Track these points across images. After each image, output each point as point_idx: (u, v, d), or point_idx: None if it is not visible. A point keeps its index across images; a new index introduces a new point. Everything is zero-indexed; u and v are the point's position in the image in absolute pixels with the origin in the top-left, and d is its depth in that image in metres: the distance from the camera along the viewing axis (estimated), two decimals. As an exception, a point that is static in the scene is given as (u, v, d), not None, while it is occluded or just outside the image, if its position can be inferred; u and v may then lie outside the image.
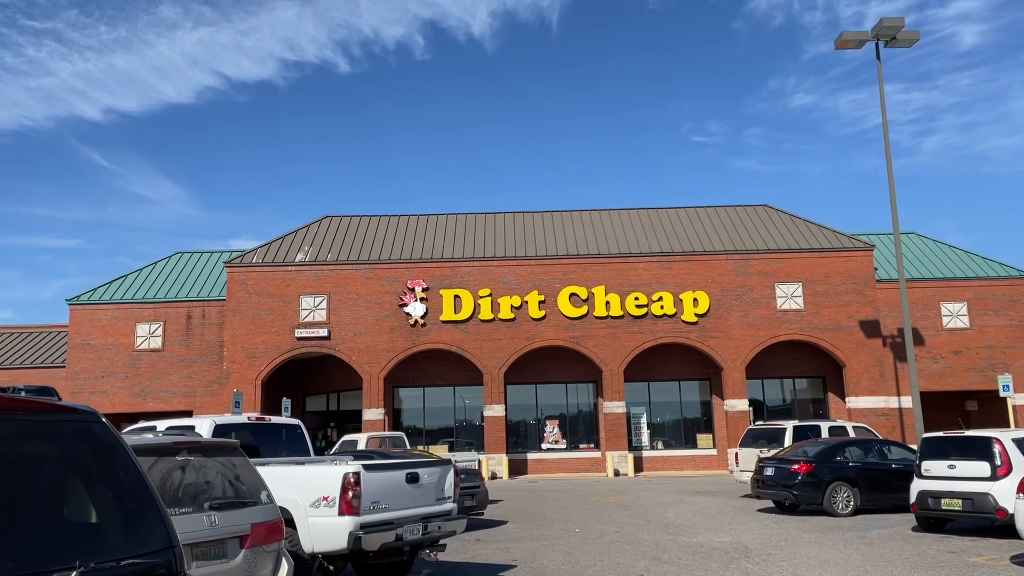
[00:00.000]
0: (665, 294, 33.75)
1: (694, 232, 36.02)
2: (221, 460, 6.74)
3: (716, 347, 33.51)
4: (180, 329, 34.52)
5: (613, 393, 33.44)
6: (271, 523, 6.79)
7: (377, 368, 33.36)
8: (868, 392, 32.97)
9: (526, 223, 37.32)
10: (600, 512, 18.29)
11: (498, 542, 13.79)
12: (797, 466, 16.68)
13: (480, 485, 15.78)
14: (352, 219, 37.50)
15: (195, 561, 6.06)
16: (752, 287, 33.90)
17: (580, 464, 34.43)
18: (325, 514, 8.40)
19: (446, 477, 9.70)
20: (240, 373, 33.03)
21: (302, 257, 34.52)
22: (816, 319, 33.57)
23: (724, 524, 15.57)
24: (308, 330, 33.43)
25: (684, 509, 18.52)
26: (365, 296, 33.91)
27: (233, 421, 10.00)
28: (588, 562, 11.48)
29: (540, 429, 35.44)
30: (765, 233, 35.61)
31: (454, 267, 34.26)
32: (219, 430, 9.66)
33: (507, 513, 18.56)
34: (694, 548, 12.59)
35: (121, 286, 35.68)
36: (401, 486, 8.99)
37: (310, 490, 8.54)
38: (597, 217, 37.64)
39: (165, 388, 33.61)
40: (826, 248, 34.21)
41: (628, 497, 22.15)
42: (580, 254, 34.49)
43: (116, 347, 34.15)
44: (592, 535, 14.38)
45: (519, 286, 34.03)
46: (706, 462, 34.47)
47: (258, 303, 33.67)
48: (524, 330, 33.71)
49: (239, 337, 33.33)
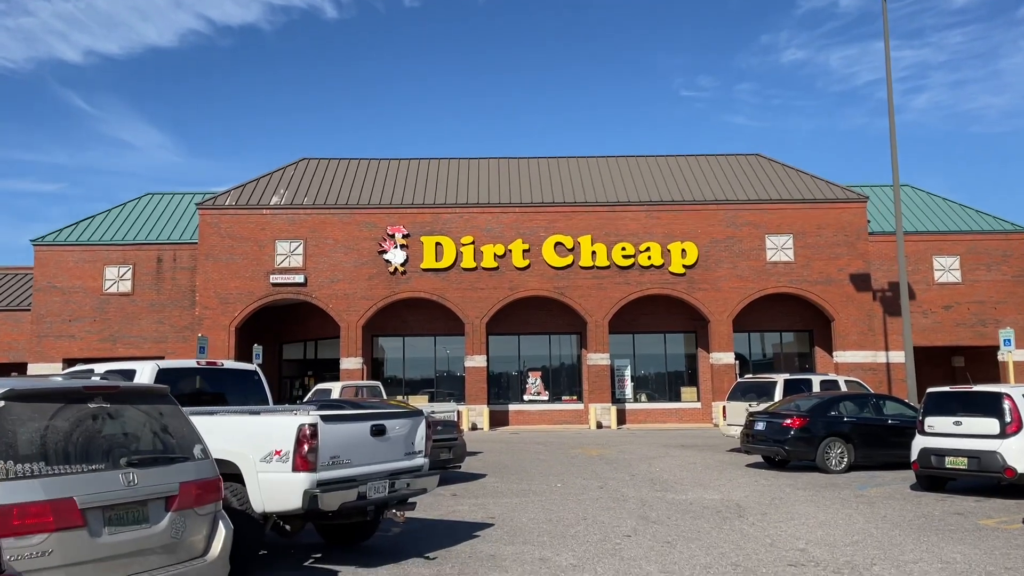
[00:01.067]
0: (653, 244, 32.81)
1: (684, 181, 34.95)
2: (145, 408, 5.73)
3: (703, 299, 32.73)
4: (150, 273, 33.27)
5: (597, 345, 32.68)
6: (205, 482, 5.82)
7: (355, 316, 32.36)
8: (856, 347, 32.39)
9: (511, 169, 36.08)
10: (583, 466, 17.56)
11: (475, 497, 12.98)
12: (790, 420, 15.94)
13: (458, 437, 14.94)
14: (330, 162, 36.09)
15: (108, 527, 5.10)
16: (742, 238, 33.00)
17: (562, 416, 33.83)
18: (277, 470, 7.46)
19: (416, 430, 8.77)
20: (213, 319, 31.93)
21: (277, 200, 33.19)
22: (806, 272, 32.80)
23: (713, 480, 14.85)
24: (283, 276, 32.29)
25: (670, 463, 17.83)
26: (343, 242, 32.73)
27: (180, 366, 8.98)
28: (570, 520, 10.68)
29: (522, 380, 34.72)
30: (757, 183, 34.60)
31: (436, 213, 33.08)
32: (163, 375, 8.65)
33: (486, 466, 17.79)
34: (683, 506, 11.83)
35: (89, 227, 34.26)
36: (365, 439, 8.05)
37: (261, 443, 7.58)
38: (584, 164, 36.44)
39: (135, 333, 32.49)
40: (819, 199, 33.28)
41: (611, 450, 21.46)
42: (566, 202, 33.39)
43: (84, 290, 32.89)
44: (574, 491, 13.60)
45: (503, 234, 32.95)
46: (690, 415, 33.96)
47: (231, 247, 32.42)
48: (507, 279, 32.74)
49: (211, 282, 32.14)
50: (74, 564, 4.87)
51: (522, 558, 8.52)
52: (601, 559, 8.43)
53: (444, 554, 8.73)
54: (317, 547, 9.35)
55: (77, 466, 5.05)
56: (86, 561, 4.93)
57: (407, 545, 9.28)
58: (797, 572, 7.86)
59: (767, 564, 8.18)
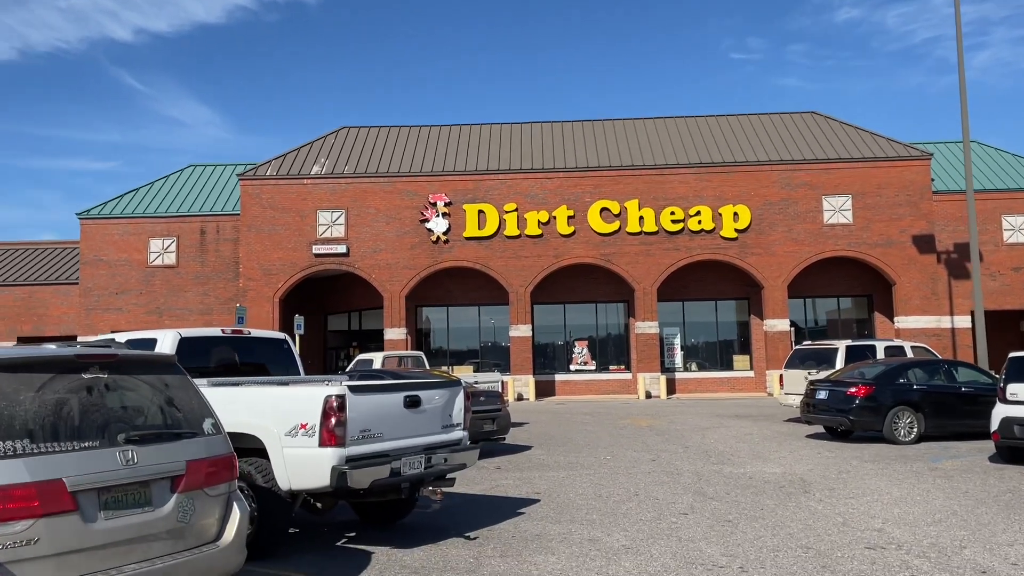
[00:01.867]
0: (703, 208, 31.64)
1: (735, 141, 33.58)
2: (148, 379, 5.17)
3: (756, 264, 31.52)
4: (194, 245, 33.26)
5: (646, 313, 31.77)
6: (216, 459, 5.25)
7: (398, 286, 31.94)
8: (919, 311, 30.92)
9: (555, 133, 35.09)
10: (633, 437, 16.84)
11: (520, 470, 12.38)
12: (855, 389, 14.97)
13: (502, 408, 14.33)
14: (371, 130, 35.53)
15: (104, 511, 4.55)
16: (797, 200, 31.62)
17: (610, 386, 33.10)
18: (303, 444, 6.89)
19: (454, 400, 8.14)
20: (256, 291, 31.82)
21: (318, 170, 32.79)
22: (865, 234, 31.32)
23: (772, 452, 14.01)
24: (326, 246, 31.97)
25: (725, 434, 17.01)
26: (384, 211, 32.23)
27: (203, 334, 8.46)
28: (621, 496, 9.99)
29: (568, 350, 34.04)
30: (813, 142, 33.07)
31: (478, 180, 32.35)
32: (185, 344, 8.14)
33: (532, 437, 17.19)
34: (742, 480, 11.05)
35: (133, 200, 34.35)
36: (398, 411, 7.44)
37: (285, 416, 7.02)
38: (631, 126, 35.26)
39: (181, 305, 32.58)
40: (879, 157, 31.66)
41: (662, 421, 20.70)
42: (612, 166, 32.35)
43: (129, 263, 33.04)
44: (625, 464, 12.90)
45: (547, 200, 32.09)
46: (742, 384, 32.93)
47: (273, 218, 32.18)
48: (552, 247, 31.94)
49: (255, 253, 31.98)
50: (65, 553, 4.34)
51: (570, 538, 7.86)
52: (656, 540, 7.73)
53: (486, 533, 8.13)
54: (351, 525, 8.83)
55: (68, 444, 4.50)
56: (79, 549, 4.40)
57: (447, 523, 8.71)
58: (877, 556, 7.06)
59: (842, 547, 7.39)
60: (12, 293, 34.85)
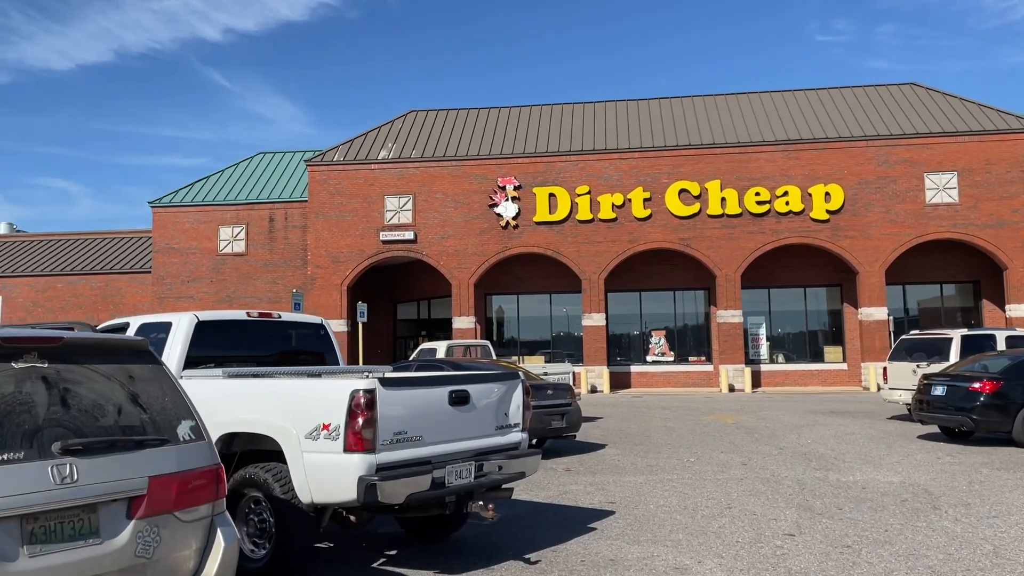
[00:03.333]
0: (791, 188, 29.47)
1: (826, 116, 31.22)
2: (106, 370, 4.02)
3: (850, 248, 29.20)
4: (263, 232, 32.92)
5: (728, 301, 29.84)
6: (194, 473, 4.08)
7: (466, 273, 30.86)
8: (1035, 299, 28.08)
9: (629, 112, 33.37)
10: (718, 436, 15.25)
11: (592, 474, 11.01)
12: (979, 384, 13.03)
13: (572, 402, 12.97)
14: (438, 113, 34.51)
15: (28, 545, 3.42)
16: (896, 178, 29.12)
17: (689, 378, 31.32)
18: (325, 449, 5.70)
19: (511, 396, 6.83)
20: (324, 278, 31.24)
21: (385, 154, 31.95)
22: (973, 214, 28.63)
23: (882, 456, 12.25)
24: (393, 233, 31.12)
25: (823, 434, 15.24)
26: (453, 196, 31.17)
27: (225, 318, 7.38)
28: (711, 509, 8.53)
29: (645, 340, 32.37)
30: (913, 115, 30.45)
31: (549, 162, 30.95)
32: (204, 329, 7.07)
33: (605, 435, 15.78)
34: (854, 491, 9.42)
35: (203, 188, 34.26)
36: (442, 409, 6.18)
37: (305, 414, 5.84)
38: (711, 103, 33.25)
39: (250, 293, 32.30)
40: (988, 130, 28.87)
41: (749, 417, 18.98)
42: (691, 144, 30.47)
43: (200, 251, 32.94)
44: (712, 468, 11.39)
45: (621, 182, 30.46)
46: (834, 377, 30.68)
47: (341, 204, 31.51)
48: (627, 231, 30.31)
49: (322, 240, 31.39)
50: (-33, 604, 3.22)
51: (652, 565, 6.47)
52: (758, 571, 6.27)
53: (550, 555, 6.81)
54: (394, 539, 7.64)
55: (-21, 455, 3.37)
56: (-11, 599, 3.27)
57: (504, 539, 7.42)
58: (1055, 605, 5.44)
59: (1003, 589, 5.79)
60: (89, 282, 35.27)
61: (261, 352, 7.68)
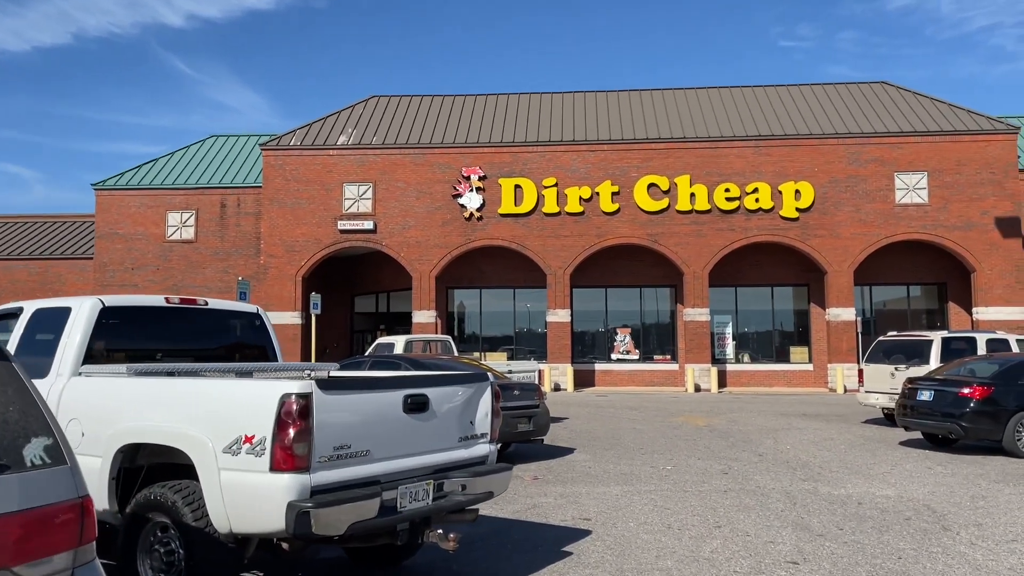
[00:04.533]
0: (761, 185, 28.86)
1: (797, 112, 30.68)
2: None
3: (819, 247, 28.69)
4: (214, 219, 31.36)
5: (695, 299, 29.14)
6: (43, 512, 2.97)
7: (428, 266, 29.71)
8: (1001, 301, 27.87)
9: (598, 104, 32.49)
10: (692, 440, 14.39)
11: (563, 483, 10.03)
12: (969, 390, 12.34)
13: (540, 404, 11.97)
14: (401, 99, 33.26)
15: None
16: (866, 177, 28.68)
17: (654, 377, 30.57)
18: (247, 467, 4.61)
19: (478, 401, 5.80)
20: (278, 268, 29.83)
21: (345, 140, 30.62)
22: (942, 215, 28.31)
23: (868, 464, 11.48)
24: (352, 222, 29.83)
25: (800, 439, 14.48)
26: (415, 185, 29.98)
27: (137, 303, 6.22)
28: (698, 529, 7.60)
29: (610, 338, 31.55)
30: (884, 114, 30.04)
31: (515, 153, 29.91)
32: (110, 316, 5.91)
33: (573, 437, 14.82)
34: (850, 507, 8.57)
35: (151, 171, 32.54)
36: (395, 417, 5.12)
37: (224, 423, 4.74)
38: (681, 96, 32.52)
39: (199, 283, 30.73)
40: (959, 131, 28.56)
41: (720, 419, 18.19)
42: (661, 138, 29.68)
43: (146, 237, 31.27)
44: (692, 477, 10.48)
45: (589, 175, 29.57)
46: (799, 378, 30.18)
47: (297, 191, 30.11)
48: (594, 226, 29.43)
49: (277, 228, 29.97)
50: None
51: (639, 603, 5.49)
52: (766, 611, 5.33)
53: (519, 588, 5.80)
54: (336, 567, 6.56)
55: None
56: None
57: (465, 568, 6.39)
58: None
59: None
60: (27, 267, 33.36)
61: (183, 345, 6.53)
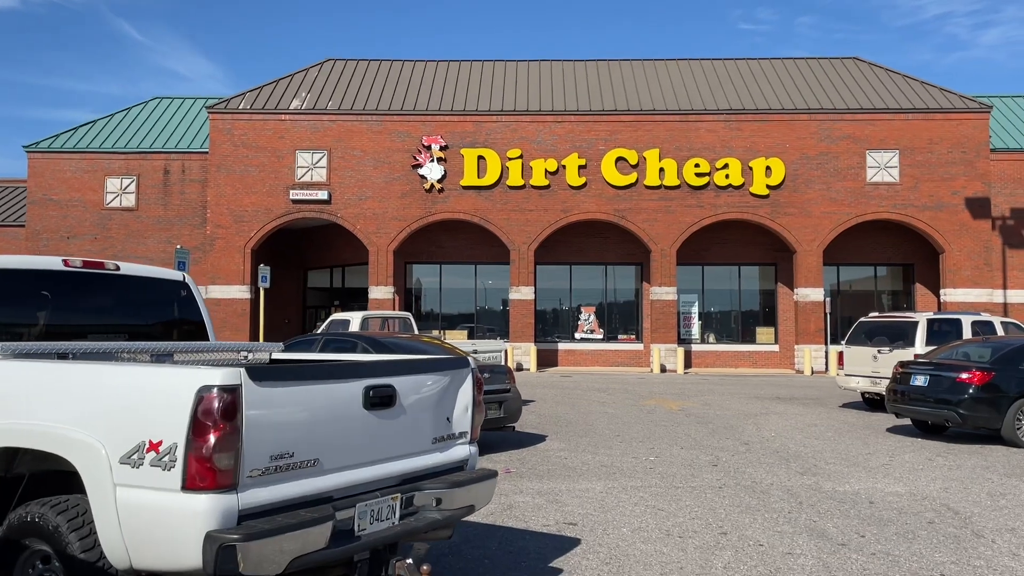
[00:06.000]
0: (732, 161, 28.05)
1: (769, 87, 29.87)
2: None
3: (789, 226, 28.04)
4: (156, 185, 29.50)
5: (663, 277, 28.31)
6: None
7: (385, 239, 28.35)
8: (970, 283, 27.57)
9: (565, 73, 31.29)
10: (669, 426, 13.47)
11: (540, 478, 8.98)
12: (968, 375, 11.58)
13: (511, 387, 10.90)
14: (359, 63, 31.64)
15: None
16: (838, 154, 28.05)
17: (618, 357, 29.75)
18: (152, 483, 3.42)
19: (457, 393, 4.68)
20: (226, 239, 28.20)
21: (298, 104, 28.96)
22: (913, 195, 27.84)
23: (866, 456, 10.66)
24: (305, 191, 28.28)
25: (782, 425, 13.66)
26: (372, 153, 28.51)
27: (27, 266, 4.95)
28: (704, 539, 6.60)
29: (574, 316, 30.60)
30: (856, 90, 29.40)
31: (478, 122, 28.61)
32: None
33: (543, 422, 13.79)
34: (862, 507, 7.67)
35: (89, 133, 30.48)
36: (353, 415, 3.97)
37: (123, 424, 3.53)
38: (651, 68, 31.49)
39: (140, 253, 28.92)
40: (932, 108, 28.05)
41: (694, 403, 17.35)
42: (630, 110, 28.64)
43: (83, 204, 29.31)
44: (679, 470, 9.52)
45: (555, 147, 28.43)
46: (765, 359, 29.64)
47: (246, 157, 28.42)
48: (560, 200, 28.35)
49: (224, 197, 28.28)
50: None
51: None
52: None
53: (504, 622, 4.71)
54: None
55: None
56: None
57: (437, 590, 5.29)
58: None
59: None
60: (-47, 235, 31.10)
61: (87, 320, 5.25)
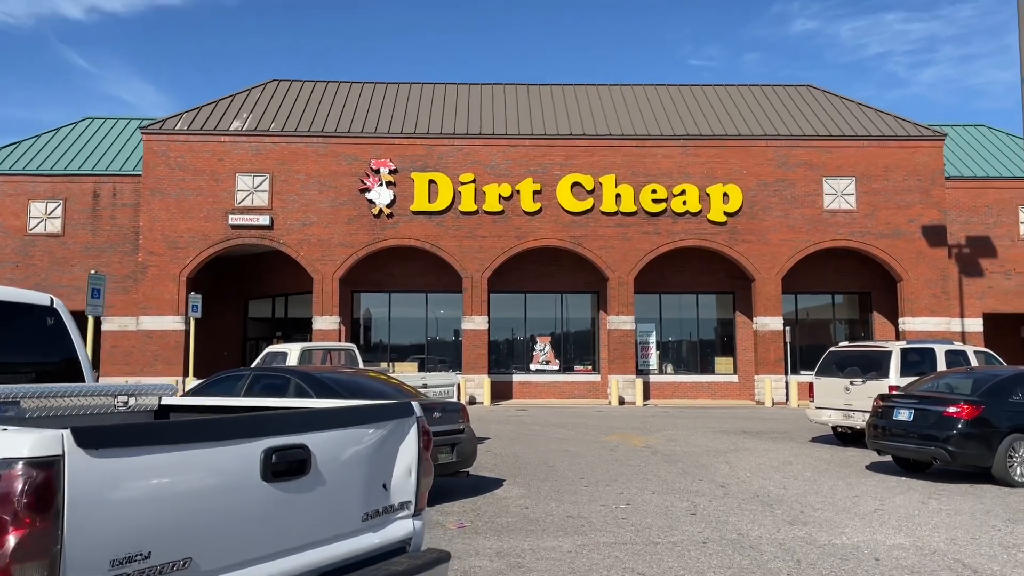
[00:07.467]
0: (689, 187, 27.47)
1: (725, 113, 29.50)
2: None
3: (747, 253, 27.50)
4: (85, 210, 27.71)
5: (620, 306, 27.45)
6: None
7: (331, 267, 26.99)
8: (928, 312, 27.29)
9: (519, 97, 30.53)
10: (636, 467, 12.41)
11: (499, 533, 7.79)
12: (956, 409, 10.78)
13: (464, 427, 9.72)
14: (304, 84, 30.43)
15: None
16: (795, 181, 27.69)
17: (575, 389, 28.71)
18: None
19: (397, 449, 3.53)
20: (160, 267, 26.52)
21: (239, 125, 27.58)
22: (870, 222, 27.57)
23: (851, 499, 9.72)
24: (245, 216, 26.82)
25: (757, 463, 12.71)
26: (317, 177, 27.23)
27: None
28: (695, 610, 5.49)
29: (529, 347, 29.53)
30: (812, 117, 29.20)
31: (429, 145, 27.58)
32: None
33: (499, 464, 12.60)
34: (867, 565, 6.68)
35: (12, 154, 28.60)
36: (245, 488, 2.78)
37: None
38: (607, 93, 30.92)
39: (66, 282, 27.00)
40: (887, 136, 27.93)
41: (658, 438, 16.35)
42: (586, 135, 27.94)
43: (4, 229, 27.38)
44: (656, 521, 8.43)
45: (509, 172, 27.53)
46: (724, 390, 28.91)
47: (183, 181, 26.89)
48: (514, 226, 27.40)
49: (158, 222, 26.66)
50: None
51: None
52: None
53: None
54: None
55: None
56: None
57: None
58: None
59: None
60: None
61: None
